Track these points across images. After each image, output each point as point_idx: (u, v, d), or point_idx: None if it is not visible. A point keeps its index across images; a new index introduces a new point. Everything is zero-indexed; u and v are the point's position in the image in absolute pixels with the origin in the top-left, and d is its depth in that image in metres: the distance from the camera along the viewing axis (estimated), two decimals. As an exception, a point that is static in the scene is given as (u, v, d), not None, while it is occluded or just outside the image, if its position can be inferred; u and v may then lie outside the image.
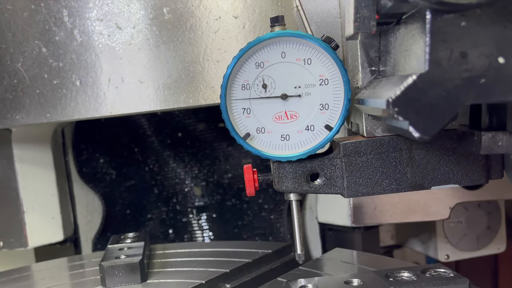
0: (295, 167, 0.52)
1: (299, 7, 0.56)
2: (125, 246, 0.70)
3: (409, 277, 0.50)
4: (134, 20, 0.68)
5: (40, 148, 0.84)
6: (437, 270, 0.51)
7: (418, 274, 0.50)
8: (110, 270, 0.62)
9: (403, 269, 0.51)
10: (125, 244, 0.71)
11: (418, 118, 0.37)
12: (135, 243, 0.71)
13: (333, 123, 0.51)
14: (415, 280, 0.49)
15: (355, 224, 0.77)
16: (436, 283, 0.47)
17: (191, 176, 0.98)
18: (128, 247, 0.69)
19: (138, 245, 0.69)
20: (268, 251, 0.71)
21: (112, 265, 0.62)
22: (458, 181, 0.52)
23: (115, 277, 0.62)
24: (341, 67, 0.50)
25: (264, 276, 0.67)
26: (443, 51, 0.36)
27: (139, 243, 0.71)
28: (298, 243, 0.55)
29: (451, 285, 0.47)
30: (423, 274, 0.50)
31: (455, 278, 0.48)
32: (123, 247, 0.69)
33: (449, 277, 0.48)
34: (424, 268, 0.51)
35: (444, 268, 0.51)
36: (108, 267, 0.62)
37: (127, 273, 0.62)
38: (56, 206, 0.86)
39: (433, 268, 0.51)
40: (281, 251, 0.72)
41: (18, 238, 0.82)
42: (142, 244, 0.70)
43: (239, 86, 0.51)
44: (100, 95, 0.69)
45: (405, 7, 0.42)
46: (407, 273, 0.50)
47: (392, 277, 0.51)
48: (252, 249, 0.72)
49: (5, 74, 0.71)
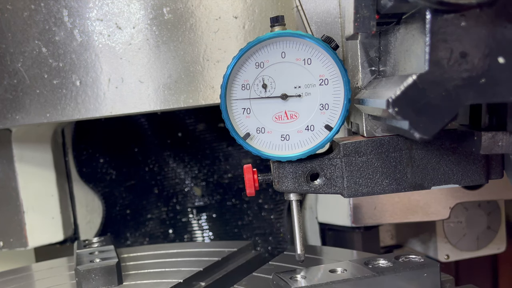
0: (295, 167, 0.52)
1: (299, 7, 0.56)
2: (95, 250, 0.69)
3: (385, 263, 0.53)
4: (134, 20, 0.68)
5: (40, 148, 0.84)
6: (408, 257, 0.54)
7: (393, 261, 0.54)
8: (87, 274, 0.61)
9: (378, 257, 0.55)
10: (94, 248, 0.70)
11: (418, 118, 0.37)
12: (104, 247, 0.70)
13: (333, 123, 0.51)
14: (392, 266, 0.52)
15: (355, 224, 0.77)
16: (412, 267, 0.51)
17: (191, 176, 0.98)
18: (98, 251, 0.68)
19: (108, 249, 0.69)
20: (234, 249, 0.72)
21: (89, 268, 0.61)
22: (458, 181, 0.52)
23: (92, 280, 0.61)
24: (341, 67, 0.50)
25: (234, 273, 0.68)
26: (443, 51, 0.36)
27: (108, 246, 0.70)
28: (298, 243, 0.55)
29: (425, 269, 0.51)
30: (397, 260, 0.54)
31: (426, 263, 0.52)
32: (93, 251, 0.68)
33: (421, 262, 0.52)
34: (396, 255, 0.55)
35: (415, 255, 0.54)
36: (84, 271, 0.61)
37: (104, 276, 0.61)
38: (56, 206, 0.86)
39: (405, 255, 0.54)
40: (244, 249, 0.74)
41: (18, 238, 0.82)
42: (111, 247, 0.69)
43: (239, 86, 0.51)
44: (100, 95, 0.69)
45: (405, 7, 0.42)
46: (383, 260, 0.54)
47: (370, 265, 0.54)
48: (218, 248, 0.74)
49: (5, 74, 0.71)
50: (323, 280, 0.51)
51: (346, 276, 0.51)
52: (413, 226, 0.89)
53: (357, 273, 0.52)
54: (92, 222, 0.95)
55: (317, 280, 0.51)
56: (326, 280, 0.51)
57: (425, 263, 0.52)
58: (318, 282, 0.51)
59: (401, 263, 0.53)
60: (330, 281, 0.51)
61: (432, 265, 0.52)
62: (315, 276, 0.53)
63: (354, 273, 0.52)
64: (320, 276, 0.52)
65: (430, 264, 0.52)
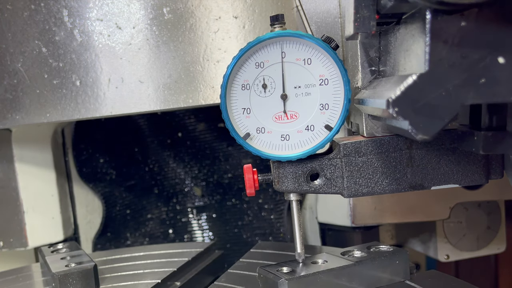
0: (295, 167, 0.52)
1: (299, 7, 0.56)
2: (66, 255, 0.67)
3: (360, 254, 0.57)
4: (134, 20, 0.68)
5: (40, 148, 0.84)
6: (378, 247, 0.58)
7: (366, 251, 0.57)
8: (64, 278, 0.59)
9: (352, 248, 0.58)
10: (63, 254, 0.68)
11: (418, 118, 0.37)
12: (74, 252, 0.68)
13: (333, 123, 0.51)
14: (367, 256, 0.56)
15: (355, 224, 0.77)
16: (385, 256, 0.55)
17: (191, 176, 0.98)
18: (69, 256, 0.66)
19: (79, 253, 0.67)
20: (201, 249, 0.73)
21: (66, 273, 0.60)
22: (458, 181, 0.52)
23: (69, 285, 0.60)
24: (341, 67, 0.50)
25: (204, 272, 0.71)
26: (443, 51, 0.36)
27: (78, 251, 0.68)
28: (298, 243, 0.55)
29: (396, 256, 0.55)
30: (369, 250, 0.57)
31: (396, 251, 0.56)
32: (64, 256, 0.66)
33: (391, 251, 0.56)
34: (367, 246, 0.58)
35: (384, 245, 0.58)
36: (62, 276, 0.59)
37: (81, 280, 0.60)
38: (56, 206, 0.86)
39: (375, 246, 0.58)
40: (209, 249, 0.76)
41: (18, 238, 0.82)
42: (82, 251, 0.68)
43: (239, 86, 0.51)
44: (100, 95, 0.69)
45: (405, 7, 0.42)
46: (357, 251, 0.57)
47: (347, 255, 0.57)
48: (186, 249, 0.75)
49: (5, 74, 0.71)
50: (310, 271, 0.53)
51: (329, 267, 0.54)
52: (413, 226, 0.89)
53: (338, 263, 0.54)
54: (92, 222, 0.95)
55: (304, 271, 0.53)
56: (313, 271, 0.53)
57: (395, 251, 0.56)
58: (307, 273, 0.53)
59: (373, 253, 0.56)
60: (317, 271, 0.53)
61: (402, 253, 0.56)
62: (300, 268, 0.54)
63: (335, 263, 0.54)
64: (305, 268, 0.54)
65: (400, 252, 0.56)
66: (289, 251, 0.70)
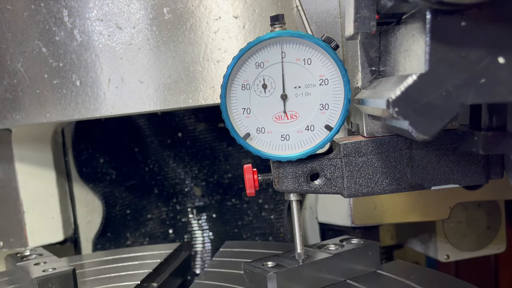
0: (295, 167, 0.52)
1: (299, 7, 0.56)
2: (39, 261, 0.65)
3: (335, 247, 0.60)
4: (134, 20, 0.68)
5: (40, 148, 0.84)
6: (350, 241, 0.61)
7: (339, 244, 0.60)
8: (44, 283, 0.59)
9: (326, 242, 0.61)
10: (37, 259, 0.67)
11: (418, 118, 0.37)
12: (47, 258, 0.67)
13: (333, 123, 0.51)
14: (342, 248, 0.59)
15: (355, 224, 0.77)
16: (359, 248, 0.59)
17: (191, 176, 0.98)
18: (43, 262, 0.65)
19: (52, 259, 0.66)
20: (170, 251, 0.74)
21: (46, 277, 0.59)
22: (458, 181, 0.52)
23: None
24: (341, 67, 0.50)
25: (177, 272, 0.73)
26: (443, 51, 0.36)
27: (51, 257, 0.67)
28: (298, 243, 0.55)
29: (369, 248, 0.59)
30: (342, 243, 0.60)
31: (368, 243, 0.60)
32: (37, 262, 0.65)
33: (363, 243, 0.60)
34: (340, 239, 0.62)
35: (355, 239, 0.62)
36: (41, 281, 0.59)
37: (61, 284, 0.59)
38: (56, 206, 0.86)
39: (347, 239, 0.62)
40: (178, 250, 0.78)
41: (18, 238, 0.82)
42: (55, 257, 0.67)
43: (239, 86, 0.51)
44: (100, 95, 0.69)
45: (405, 7, 0.42)
46: (332, 245, 0.60)
47: (323, 249, 0.59)
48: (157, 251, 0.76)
49: (5, 74, 0.71)
50: (295, 264, 0.55)
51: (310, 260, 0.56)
52: (413, 226, 0.89)
53: (318, 256, 0.57)
54: (92, 222, 0.95)
55: (290, 265, 0.55)
56: (297, 264, 0.55)
57: (367, 244, 0.60)
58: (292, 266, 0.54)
59: (348, 246, 0.60)
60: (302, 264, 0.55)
61: (374, 245, 0.60)
62: (284, 262, 0.56)
63: (315, 256, 0.57)
64: (289, 262, 0.56)
65: (372, 244, 0.60)
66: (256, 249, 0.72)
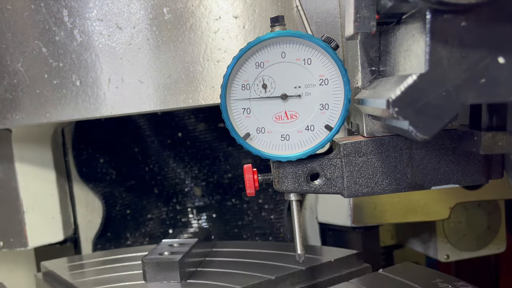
0: (295, 167, 0.52)
1: (299, 7, 0.56)
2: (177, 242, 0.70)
3: None
4: (134, 20, 0.68)
5: (40, 148, 0.84)
6: None
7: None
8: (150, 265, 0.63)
9: None
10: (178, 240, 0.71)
11: (418, 118, 0.37)
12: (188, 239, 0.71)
13: (333, 123, 0.51)
14: None
15: (355, 224, 0.77)
16: None
17: (191, 176, 0.97)
18: (179, 243, 0.69)
19: (189, 242, 0.70)
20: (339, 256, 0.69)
21: (153, 261, 0.63)
22: (458, 181, 0.52)
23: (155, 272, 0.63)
24: (341, 67, 0.50)
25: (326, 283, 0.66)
26: (443, 51, 0.36)
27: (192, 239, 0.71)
28: (298, 243, 0.55)
29: None
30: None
31: None
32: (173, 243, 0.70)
33: None
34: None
35: None
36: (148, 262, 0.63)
37: (165, 270, 0.63)
38: (56, 206, 0.86)
39: None
40: None
41: (18, 238, 0.82)
42: (193, 241, 0.70)
43: (239, 86, 0.51)
44: (100, 95, 0.69)
45: (405, 7, 0.42)
46: None
47: None
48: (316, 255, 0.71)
49: (5, 74, 0.71)
50: None
51: None
52: (413, 226, 0.89)
53: None
54: (92, 222, 0.95)
55: None
56: None
57: None
58: None
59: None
60: None
61: None
62: None
63: None
64: None
65: None
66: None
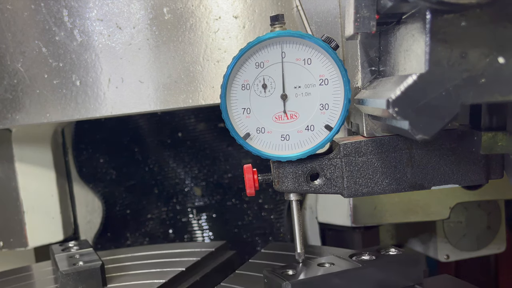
0: (295, 167, 0.52)
1: (299, 7, 0.56)
2: (74, 253, 0.68)
3: (369, 257, 0.55)
4: (134, 20, 0.68)
5: (40, 148, 0.84)
6: (388, 250, 0.56)
7: (376, 254, 0.56)
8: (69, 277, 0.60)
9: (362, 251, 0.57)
10: (73, 252, 0.69)
11: (418, 118, 0.37)
12: (83, 250, 0.69)
13: (333, 123, 0.51)
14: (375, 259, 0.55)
15: (355, 224, 0.77)
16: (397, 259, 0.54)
17: (191, 176, 0.97)
18: (79, 254, 0.67)
19: (88, 252, 0.68)
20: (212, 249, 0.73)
21: (73, 271, 0.61)
22: (458, 181, 0.52)
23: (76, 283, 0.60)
24: (341, 67, 0.50)
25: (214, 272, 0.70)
26: (443, 51, 0.36)
27: (87, 249, 0.69)
28: (298, 243, 0.55)
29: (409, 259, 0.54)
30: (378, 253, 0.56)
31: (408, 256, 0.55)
32: (72, 254, 0.68)
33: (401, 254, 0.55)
34: (378, 248, 0.57)
35: (395, 248, 0.56)
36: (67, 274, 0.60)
37: (88, 279, 0.61)
38: (56, 206, 0.86)
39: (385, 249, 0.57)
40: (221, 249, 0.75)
41: (18, 238, 0.82)
42: (91, 250, 0.69)
43: (239, 86, 0.51)
44: (100, 95, 0.69)
45: (405, 7, 0.42)
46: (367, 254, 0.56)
47: (355, 257, 0.56)
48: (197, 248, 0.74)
49: (5, 74, 0.71)
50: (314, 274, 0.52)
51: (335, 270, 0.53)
52: (413, 226, 0.89)
53: (345, 266, 0.53)
54: (92, 222, 0.95)
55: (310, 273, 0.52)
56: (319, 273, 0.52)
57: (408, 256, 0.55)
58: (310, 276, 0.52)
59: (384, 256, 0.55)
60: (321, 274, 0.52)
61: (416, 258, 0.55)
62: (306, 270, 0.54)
63: (342, 266, 0.53)
64: (311, 270, 0.53)
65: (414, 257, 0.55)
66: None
